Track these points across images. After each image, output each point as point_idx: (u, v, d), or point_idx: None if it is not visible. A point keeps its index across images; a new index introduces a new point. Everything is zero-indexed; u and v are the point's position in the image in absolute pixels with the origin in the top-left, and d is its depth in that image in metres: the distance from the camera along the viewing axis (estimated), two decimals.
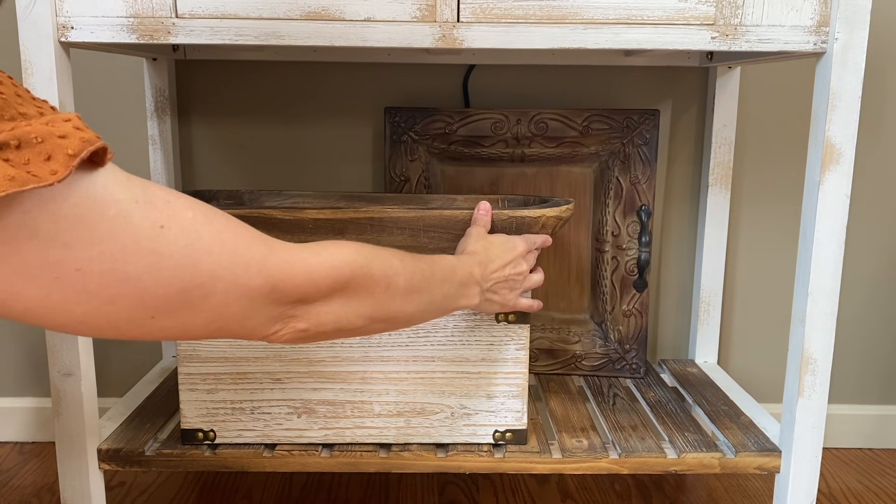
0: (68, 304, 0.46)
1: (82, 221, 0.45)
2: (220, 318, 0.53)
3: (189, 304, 0.51)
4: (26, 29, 0.83)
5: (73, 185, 0.44)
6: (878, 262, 1.33)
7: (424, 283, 0.70)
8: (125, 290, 0.47)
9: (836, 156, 0.87)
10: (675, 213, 1.30)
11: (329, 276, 0.60)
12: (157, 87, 1.20)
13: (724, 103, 1.21)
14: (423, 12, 0.85)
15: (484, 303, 0.82)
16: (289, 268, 0.56)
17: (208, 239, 0.51)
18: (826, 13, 0.85)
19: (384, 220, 0.92)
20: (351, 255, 0.62)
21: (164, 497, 1.18)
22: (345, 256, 0.61)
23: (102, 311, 0.48)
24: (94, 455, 0.94)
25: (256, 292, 0.54)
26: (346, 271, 0.61)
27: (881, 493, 1.22)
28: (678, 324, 1.34)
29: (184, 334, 0.53)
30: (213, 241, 0.51)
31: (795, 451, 0.94)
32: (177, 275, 0.49)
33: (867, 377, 1.36)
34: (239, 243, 0.53)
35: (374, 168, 1.28)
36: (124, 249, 0.47)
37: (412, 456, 0.94)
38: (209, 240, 0.51)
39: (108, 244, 0.46)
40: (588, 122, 1.16)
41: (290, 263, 0.57)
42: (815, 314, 0.91)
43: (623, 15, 0.85)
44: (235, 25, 0.84)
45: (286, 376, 0.93)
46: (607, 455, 0.95)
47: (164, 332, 0.52)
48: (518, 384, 0.94)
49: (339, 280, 0.60)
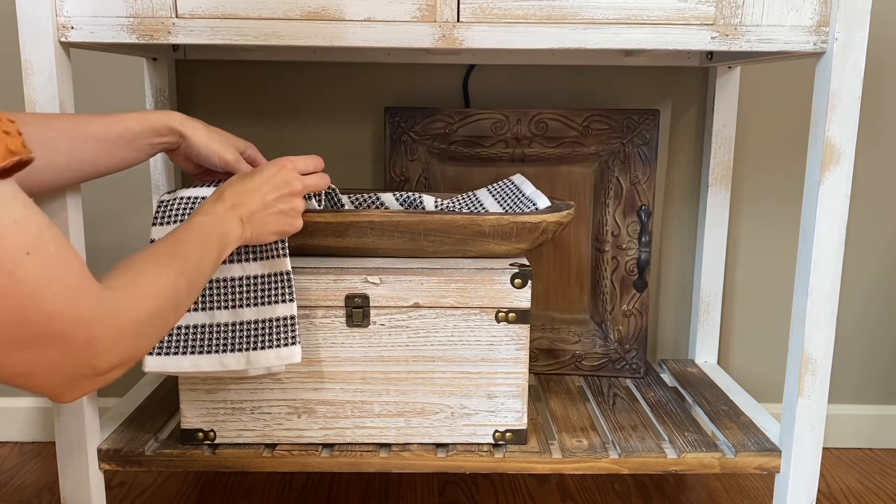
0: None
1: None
2: (33, 363, 0.52)
3: (15, 339, 0.50)
4: (26, 29, 0.83)
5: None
6: (878, 262, 1.33)
7: (196, 273, 0.71)
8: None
9: (836, 156, 0.87)
10: (675, 213, 1.30)
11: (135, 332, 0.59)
12: (157, 87, 1.20)
13: (724, 103, 1.21)
14: (423, 12, 0.85)
15: (256, 232, 0.81)
16: (106, 328, 0.55)
17: (61, 280, 0.51)
18: (826, 13, 0.85)
19: (384, 223, 0.92)
20: (148, 303, 0.61)
21: (164, 497, 1.18)
22: (143, 306, 0.60)
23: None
24: (94, 455, 0.94)
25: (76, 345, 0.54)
26: (145, 321, 0.61)
27: (881, 493, 1.22)
28: (678, 324, 1.34)
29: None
30: (64, 283, 0.51)
31: (795, 451, 0.94)
32: (22, 305, 0.49)
33: (867, 377, 1.36)
34: (79, 293, 0.53)
35: (374, 168, 1.28)
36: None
37: (412, 456, 0.94)
38: (62, 281, 0.51)
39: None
40: (588, 122, 1.16)
41: (107, 324, 0.56)
42: (815, 314, 0.91)
43: (623, 15, 0.85)
44: (235, 25, 0.84)
45: (286, 376, 0.93)
46: (607, 455, 0.95)
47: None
48: (518, 384, 0.94)
49: (133, 332, 0.59)
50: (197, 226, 0.75)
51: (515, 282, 0.91)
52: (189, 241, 0.72)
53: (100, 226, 1.29)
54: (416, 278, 0.91)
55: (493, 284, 0.91)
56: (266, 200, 0.81)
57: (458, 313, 0.92)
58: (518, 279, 0.91)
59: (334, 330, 0.92)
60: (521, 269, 0.91)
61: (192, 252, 0.71)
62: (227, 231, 0.77)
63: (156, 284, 0.63)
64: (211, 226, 0.76)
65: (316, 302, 0.91)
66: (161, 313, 0.63)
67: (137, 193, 1.27)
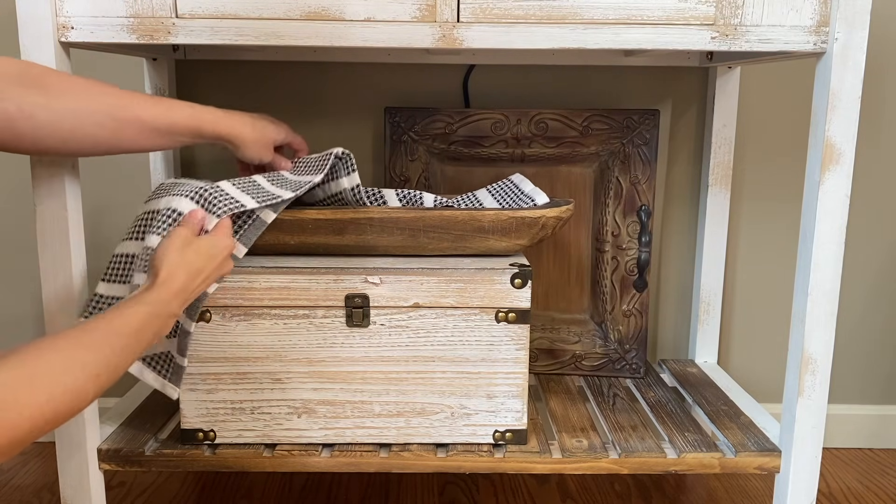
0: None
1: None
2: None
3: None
4: (26, 29, 0.83)
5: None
6: (878, 262, 1.33)
7: (123, 361, 0.66)
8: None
9: (836, 156, 0.87)
10: (675, 213, 1.30)
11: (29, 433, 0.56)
12: (157, 87, 1.20)
13: (724, 103, 1.21)
14: (423, 12, 0.85)
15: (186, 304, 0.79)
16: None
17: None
18: (826, 13, 0.85)
19: (384, 220, 0.92)
20: (37, 407, 0.57)
21: (164, 497, 1.18)
22: (30, 412, 0.56)
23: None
24: (94, 455, 0.94)
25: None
26: (26, 428, 0.56)
27: (881, 493, 1.22)
28: (678, 324, 1.34)
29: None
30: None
31: (795, 451, 0.94)
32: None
33: (867, 377, 1.36)
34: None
35: (374, 168, 1.28)
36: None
37: (412, 456, 0.94)
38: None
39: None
40: (588, 122, 1.16)
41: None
42: (815, 314, 0.91)
43: (623, 15, 0.85)
44: (235, 25, 0.84)
45: (286, 376, 0.93)
46: (607, 455, 0.95)
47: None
48: (518, 384, 0.94)
49: (12, 439, 0.55)
50: (136, 319, 0.70)
51: (515, 282, 0.91)
52: (122, 336, 0.67)
53: (99, 221, 1.29)
54: (416, 278, 0.91)
55: (493, 284, 0.91)
56: (208, 275, 0.80)
57: (458, 313, 0.92)
58: (518, 279, 0.91)
59: (334, 330, 0.92)
60: (521, 269, 0.91)
61: (120, 350, 0.66)
62: (169, 319, 0.75)
63: (56, 388, 0.59)
64: (153, 317, 0.72)
65: (316, 302, 0.91)
66: (49, 421, 0.58)
67: (137, 188, 1.27)
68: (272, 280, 0.91)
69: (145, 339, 0.70)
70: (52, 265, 0.88)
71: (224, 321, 0.92)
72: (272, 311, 0.92)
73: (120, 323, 0.68)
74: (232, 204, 0.84)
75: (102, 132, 0.79)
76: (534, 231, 0.92)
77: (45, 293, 0.89)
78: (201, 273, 0.79)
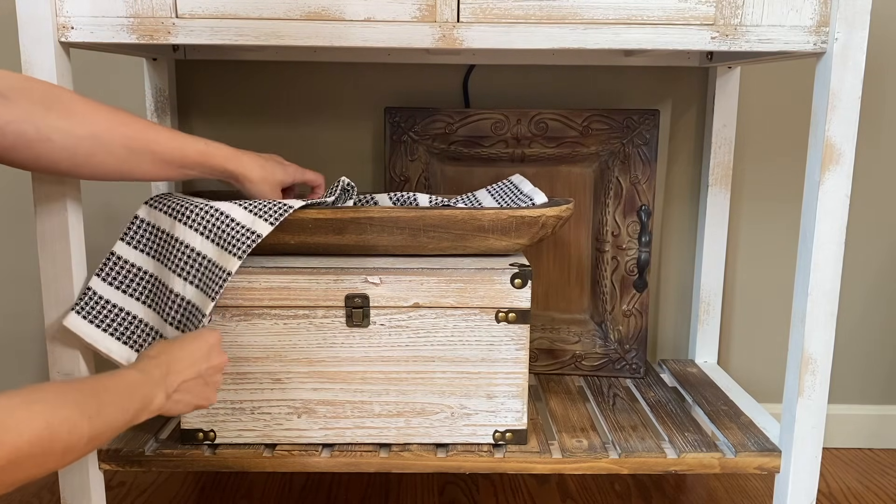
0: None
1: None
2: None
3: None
4: (26, 29, 0.83)
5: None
6: (878, 262, 1.33)
7: (105, 427, 0.66)
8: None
9: (836, 156, 0.87)
10: (675, 213, 1.30)
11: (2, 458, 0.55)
12: (157, 87, 1.20)
13: (724, 103, 1.21)
14: (423, 12, 0.85)
15: (173, 405, 0.78)
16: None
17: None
18: (826, 13, 0.85)
19: (384, 220, 0.92)
20: (36, 432, 0.56)
21: (164, 497, 1.18)
22: (28, 435, 0.56)
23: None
24: (94, 455, 0.94)
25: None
26: (25, 450, 0.56)
27: (881, 493, 1.22)
28: (678, 324, 1.34)
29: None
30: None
31: (795, 451, 0.94)
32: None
33: (867, 377, 1.36)
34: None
35: (374, 168, 1.28)
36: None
37: (412, 456, 0.94)
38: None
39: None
40: (588, 122, 1.16)
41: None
42: (815, 314, 0.91)
43: (623, 15, 0.85)
44: (235, 25, 0.84)
45: (286, 376, 0.93)
46: (607, 455, 0.95)
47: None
48: (518, 384, 0.94)
49: (11, 461, 0.55)
50: (127, 378, 0.71)
51: (515, 282, 0.91)
52: (111, 391, 0.68)
53: (100, 226, 1.29)
54: (416, 278, 0.91)
55: (493, 284, 0.91)
56: (199, 370, 0.79)
57: (458, 313, 0.92)
58: (518, 279, 0.91)
59: (334, 330, 0.92)
60: (521, 269, 0.91)
61: (109, 402, 0.67)
62: (153, 397, 0.74)
63: (53, 416, 0.59)
64: (141, 384, 0.72)
65: (316, 302, 0.91)
66: (47, 450, 0.58)
67: (138, 193, 1.27)
68: (272, 280, 0.91)
69: (134, 401, 0.70)
70: (52, 266, 0.88)
71: (224, 321, 0.92)
72: (272, 311, 0.92)
73: (113, 382, 0.69)
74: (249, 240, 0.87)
75: (115, 161, 0.81)
76: (534, 230, 0.92)
77: (45, 294, 0.89)
78: (194, 365, 0.79)
